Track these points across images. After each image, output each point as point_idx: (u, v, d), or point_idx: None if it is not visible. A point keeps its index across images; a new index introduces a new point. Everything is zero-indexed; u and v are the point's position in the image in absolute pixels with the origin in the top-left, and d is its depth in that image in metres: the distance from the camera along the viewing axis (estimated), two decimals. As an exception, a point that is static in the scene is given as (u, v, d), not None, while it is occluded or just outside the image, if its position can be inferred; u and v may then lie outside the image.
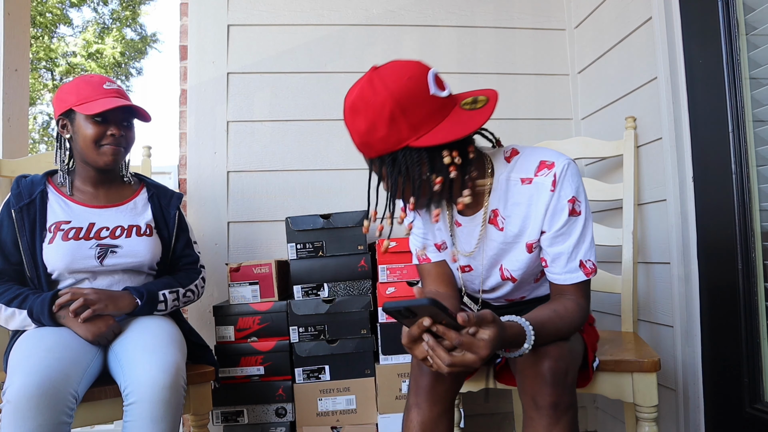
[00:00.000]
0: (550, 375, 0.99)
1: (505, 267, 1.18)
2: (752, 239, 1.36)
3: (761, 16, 1.35)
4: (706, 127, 1.49)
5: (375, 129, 0.97)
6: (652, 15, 1.64)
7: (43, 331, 1.30)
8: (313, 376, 1.73)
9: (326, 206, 2.05)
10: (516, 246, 1.14)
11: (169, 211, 1.55)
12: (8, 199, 1.42)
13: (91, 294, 1.33)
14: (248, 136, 2.08)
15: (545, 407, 0.99)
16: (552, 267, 1.10)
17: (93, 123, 1.39)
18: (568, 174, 1.05)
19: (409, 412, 1.14)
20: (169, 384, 1.22)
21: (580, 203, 1.07)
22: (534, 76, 2.18)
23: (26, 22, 2.04)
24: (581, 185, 1.08)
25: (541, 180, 1.07)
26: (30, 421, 1.10)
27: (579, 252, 1.08)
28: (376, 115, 0.96)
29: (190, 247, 1.59)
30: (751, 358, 1.36)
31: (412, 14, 2.15)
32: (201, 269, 1.59)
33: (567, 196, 1.06)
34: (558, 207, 1.06)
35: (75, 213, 1.43)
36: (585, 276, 1.08)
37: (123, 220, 1.47)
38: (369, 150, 1.00)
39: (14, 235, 1.39)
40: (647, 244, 1.74)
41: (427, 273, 1.25)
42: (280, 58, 2.10)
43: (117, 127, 1.41)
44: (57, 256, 1.37)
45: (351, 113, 1.00)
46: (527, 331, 0.97)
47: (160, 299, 1.43)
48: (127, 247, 1.44)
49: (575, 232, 1.07)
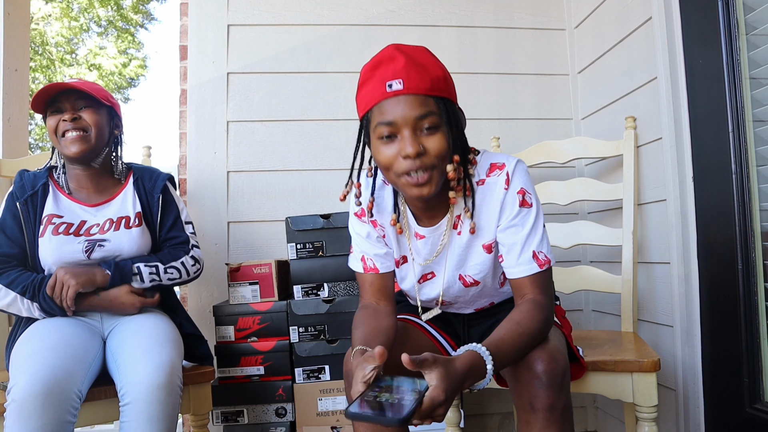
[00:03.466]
0: (546, 377, 0.98)
1: (466, 274, 1.18)
2: (752, 239, 1.36)
3: (761, 16, 1.35)
4: (706, 127, 1.49)
5: (446, 72, 1.03)
6: (652, 15, 1.64)
7: (45, 329, 1.30)
8: (313, 376, 1.73)
9: (326, 206, 2.05)
10: (474, 249, 1.15)
11: (153, 195, 1.53)
12: (12, 191, 1.44)
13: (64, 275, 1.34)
14: (248, 136, 2.08)
15: (542, 410, 0.97)
16: (507, 260, 1.10)
17: (50, 116, 1.43)
18: (517, 170, 1.10)
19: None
20: (164, 383, 1.21)
21: (531, 195, 1.10)
22: (534, 76, 2.18)
23: (26, 22, 2.04)
24: (530, 182, 1.12)
25: (493, 179, 1.10)
26: (35, 420, 1.10)
27: (531, 243, 1.08)
28: (441, 63, 1.04)
29: (178, 228, 1.55)
30: (751, 358, 1.36)
31: (412, 14, 2.15)
32: (192, 249, 1.54)
33: (516, 188, 1.09)
34: (509, 199, 1.09)
35: (69, 210, 1.45)
36: (539, 267, 1.08)
37: (113, 214, 1.47)
38: (436, 84, 1.00)
39: (20, 225, 1.41)
40: (647, 244, 1.74)
41: (370, 284, 1.19)
42: (280, 58, 2.10)
43: (69, 112, 1.42)
44: (47, 251, 1.38)
45: (425, 51, 1.03)
46: (484, 356, 0.91)
47: (134, 271, 1.41)
48: (115, 240, 1.44)
49: (527, 223, 1.09)
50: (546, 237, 1.11)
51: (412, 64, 0.99)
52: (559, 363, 1.00)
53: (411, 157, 0.98)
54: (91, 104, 1.45)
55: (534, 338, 1.01)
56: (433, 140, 0.99)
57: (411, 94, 0.97)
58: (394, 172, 1.01)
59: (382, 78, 0.99)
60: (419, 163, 0.98)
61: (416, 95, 0.98)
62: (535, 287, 1.08)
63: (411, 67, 0.98)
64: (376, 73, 1.01)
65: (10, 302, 1.35)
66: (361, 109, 1.05)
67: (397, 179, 1.02)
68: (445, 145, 1.00)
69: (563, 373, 1.00)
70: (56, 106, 1.42)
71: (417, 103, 0.97)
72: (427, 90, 0.98)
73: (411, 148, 0.97)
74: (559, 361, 1.01)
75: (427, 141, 0.99)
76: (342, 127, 2.10)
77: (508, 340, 0.97)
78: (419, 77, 0.98)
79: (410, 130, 0.98)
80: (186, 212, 1.60)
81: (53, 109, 1.43)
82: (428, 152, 0.99)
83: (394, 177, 1.03)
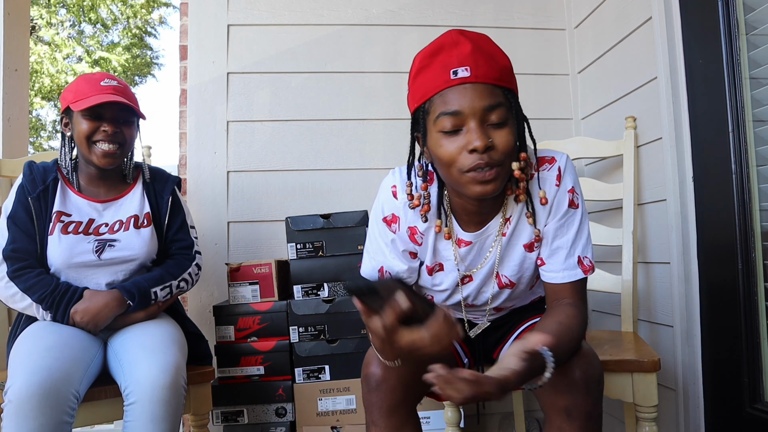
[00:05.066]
0: (584, 384, 0.92)
1: (502, 273, 1.11)
2: (752, 239, 1.36)
3: (761, 16, 1.35)
4: (706, 127, 1.49)
5: (511, 63, 0.96)
6: (652, 15, 1.64)
7: (44, 330, 1.30)
8: (313, 376, 1.73)
9: (326, 206, 2.05)
10: (514, 248, 1.09)
11: (162, 197, 1.53)
12: (22, 184, 1.41)
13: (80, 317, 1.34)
14: (248, 135, 2.08)
15: (579, 418, 0.92)
16: (549, 264, 1.05)
17: (86, 119, 1.39)
18: (568, 167, 1.04)
19: (372, 427, 1.06)
20: (169, 384, 1.22)
21: (578, 196, 1.05)
22: (534, 75, 2.18)
23: (26, 22, 2.04)
24: (578, 181, 1.06)
25: (544, 175, 1.03)
26: (31, 420, 1.10)
27: (577, 247, 1.04)
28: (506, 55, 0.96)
29: (184, 231, 1.55)
30: (751, 358, 1.36)
31: (412, 14, 2.15)
32: (195, 255, 1.55)
33: (568, 186, 1.03)
34: (560, 198, 1.03)
35: (77, 206, 1.44)
36: (583, 273, 1.04)
37: (122, 214, 1.47)
38: (504, 74, 0.93)
39: (32, 220, 1.38)
40: (647, 244, 1.74)
41: None
42: (280, 58, 2.10)
43: (110, 124, 1.39)
44: (56, 251, 1.37)
45: (489, 39, 0.96)
46: (546, 357, 0.84)
47: (152, 297, 1.42)
48: (125, 240, 1.44)
49: (573, 225, 1.04)
50: (590, 240, 1.06)
51: (479, 51, 0.91)
52: (597, 369, 0.96)
53: (479, 151, 0.89)
54: (130, 118, 1.44)
55: (576, 345, 0.95)
56: (501, 134, 0.91)
57: (479, 82, 0.89)
58: (458, 168, 0.91)
59: (446, 65, 0.90)
60: (487, 159, 0.89)
61: (485, 84, 0.90)
62: (574, 293, 1.03)
63: (478, 53, 0.90)
64: (437, 60, 0.92)
65: (26, 306, 1.35)
66: (417, 99, 0.95)
67: (460, 176, 0.92)
68: (513, 140, 0.92)
69: (599, 380, 0.96)
70: (96, 111, 1.38)
71: (486, 92, 0.89)
72: (496, 80, 0.91)
73: (479, 141, 0.88)
74: (597, 367, 0.96)
75: (496, 135, 0.90)
76: (342, 127, 2.10)
77: (563, 344, 0.89)
78: (488, 65, 0.90)
79: (477, 122, 0.89)
80: (191, 216, 1.61)
81: (92, 114, 1.38)
82: (496, 147, 0.90)
83: (456, 174, 0.92)
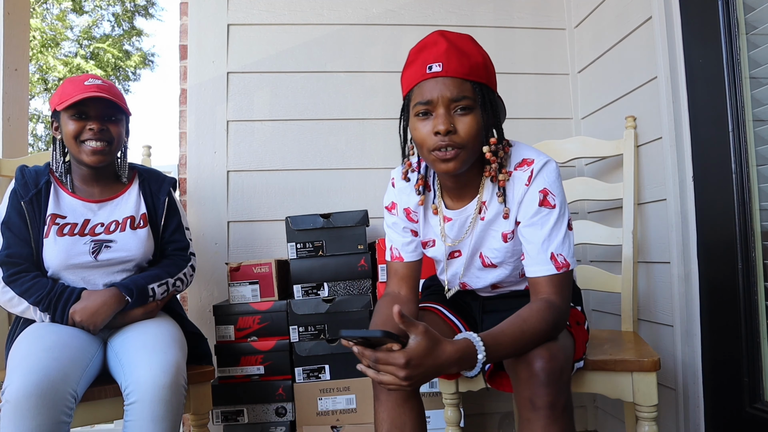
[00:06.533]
0: (545, 375, 0.99)
1: (485, 254, 1.22)
2: (752, 239, 1.36)
3: (761, 15, 1.35)
4: (706, 126, 1.49)
5: (487, 60, 1.09)
6: (652, 14, 1.64)
7: (43, 330, 1.30)
8: (313, 376, 1.73)
9: (326, 206, 2.05)
10: (491, 234, 1.19)
11: (159, 197, 1.53)
12: (15, 189, 1.41)
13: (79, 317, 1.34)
14: (248, 135, 2.08)
15: (542, 408, 0.98)
16: (526, 258, 1.13)
17: (72, 119, 1.38)
18: (544, 170, 1.12)
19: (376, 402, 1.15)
20: (169, 383, 1.22)
21: (554, 196, 1.11)
22: (534, 75, 2.18)
23: (26, 22, 2.04)
24: (557, 183, 1.12)
25: (519, 174, 1.13)
26: (29, 420, 1.10)
27: (551, 244, 1.09)
28: (483, 51, 1.10)
29: (180, 232, 1.56)
30: (751, 358, 1.36)
31: (412, 14, 2.15)
32: (191, 257, 1.56)
33: (539, 187, 1.11)
34: (528, 197, 1.11)
35: (72, 208, 1.44)
36: (555, 269, 1.08)
37: (118, 214, 1.47)
38: (474, 70, 1.05)
39: (26, 224, 1.38)
40: (647, 243, 1.74)
41: (394, 272, 1.28)
42: (280, 58, 2.10)
43: (96, 122, 1.38)
44: (53, 253, 1.37)
45: (468, 39, 1.09)
46: (476, 345, 0.95)
47: (149, 294, 1.42)
48: (121, 241, 1.44)
49: (548, 224, 1.10)
50: (569, 240, 1.11)
51: (453, 49, 1.05)
52: (558, 360, 1.01)
53: (441, 134, 1.03)
54: (116, 115, 1.43)
55: (538, 337, 1.02)
56: (464, 121, 1.05)
57: (449, 76, 1.04)
58: (426, 148, 1.07)
59: (424, 61, 1.06)
60: (448, 140, 1.04)
61: (453, 78, 1.04)
62: (550, 288, 1.08)
63: (452, 51, 1.05)
64: (419, 56, 1.08)
65: (24, 310, 1.35)
66: (404, 88, 1.12)
67: (428, 155, 1.08)
68: (476, 127, 1.05)
69: (562, 371, 1.01)
70: (81, 110, 1.38)
71: (453, 85, 1.03)
72: (465, 74, 1.04)
73: (443, 125, 1.03)
74: (559, 358, 1.01)
75: (459, 121, 1.05)
76: (342, 126, 2.10)
77: (508, 335, 1.00)
78: (458, 62, 1.04)
79: (444, 109, 1.04)
80: (186, 217, 1.62)
81: (77, 114, 1.38)
82: (458, 131, 1.04)
83: (426, 153, 1.08)
